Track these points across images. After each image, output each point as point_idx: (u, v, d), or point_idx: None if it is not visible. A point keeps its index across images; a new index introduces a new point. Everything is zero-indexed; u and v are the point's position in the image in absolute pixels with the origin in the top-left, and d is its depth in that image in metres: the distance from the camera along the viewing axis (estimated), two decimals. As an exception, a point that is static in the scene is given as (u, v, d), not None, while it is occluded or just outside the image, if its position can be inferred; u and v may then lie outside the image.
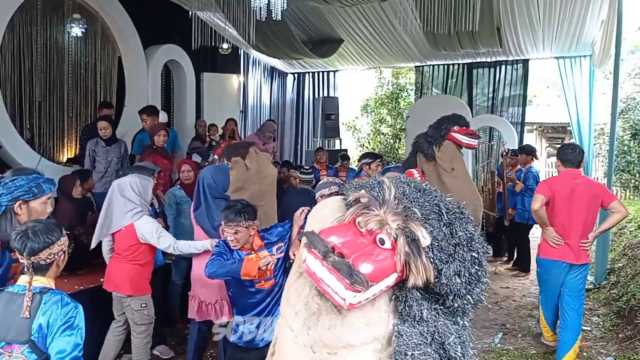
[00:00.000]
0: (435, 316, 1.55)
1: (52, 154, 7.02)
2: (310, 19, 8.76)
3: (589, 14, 7.50)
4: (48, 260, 2.13)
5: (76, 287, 4.42)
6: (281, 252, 3.18)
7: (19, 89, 6.57)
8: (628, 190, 12.51)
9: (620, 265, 6.71)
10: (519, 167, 7.59)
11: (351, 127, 15.40)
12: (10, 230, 2.26)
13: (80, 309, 2.14)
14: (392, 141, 14.65)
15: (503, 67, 10.53)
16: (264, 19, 5.07)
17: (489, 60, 10.42)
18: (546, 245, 4.29)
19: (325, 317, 1.60)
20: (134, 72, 7.77)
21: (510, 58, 10.24)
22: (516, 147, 8.80)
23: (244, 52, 10.70)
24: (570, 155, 4.30)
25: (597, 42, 8.35)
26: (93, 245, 4.12)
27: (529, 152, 7.63)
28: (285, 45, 8.73)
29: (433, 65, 11.18)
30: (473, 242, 1.52)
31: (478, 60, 10.50)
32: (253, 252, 3.12)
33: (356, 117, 15.82)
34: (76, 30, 6.82)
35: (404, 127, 13.28)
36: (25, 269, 2.10)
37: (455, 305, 1.54)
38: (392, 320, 1.56)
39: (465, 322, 1.61)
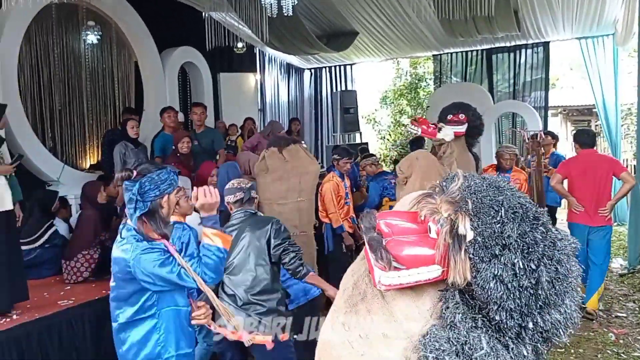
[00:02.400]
0: (472, 326, 1.40)
1: (75, 161, 7.08)
2: (323, 12, 8.69)
3: (610, -9, 7.30)
4: None
5: (104, 292, 4.42)
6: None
7: (39, 98, 6.64)
8: (659, 171, 12.14)
9: (655, 248, 6.51)
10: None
11: (371, 120, 15.28)
12: (162, 225, 2.36)
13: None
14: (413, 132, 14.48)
15: (523, 50, 10.32)
16: (275, 15, 5.03)
17: (508, 44, 10.22)
18: (570, 212, 5.34)
19: (369, 300, 1.56)
20: (151, 76, 7.80)
21: (530, 41, 10.02)
22: (540, 129, 8.64)
23: (259, 50, 10.68)
24: (585, 139, 5.34)
25: (619, 20, 8.12)
26: None
27: (554, 136, 7.64)
28: (299, 41, 8.68)
29: (451, 53, 11.01)
30: (533, 252, 1.34)
31: (497, 45, 10.31)
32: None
33: (375, 110, 15.70)
34: (91, 38, 6.86)
35: (424, 117, 13.12)
36: None
37: (498, 318, 1.36)
38: (431, 321, 1.46)
39: (522, 350, 1.39)
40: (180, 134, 6.18)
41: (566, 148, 11.70)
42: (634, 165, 10.71)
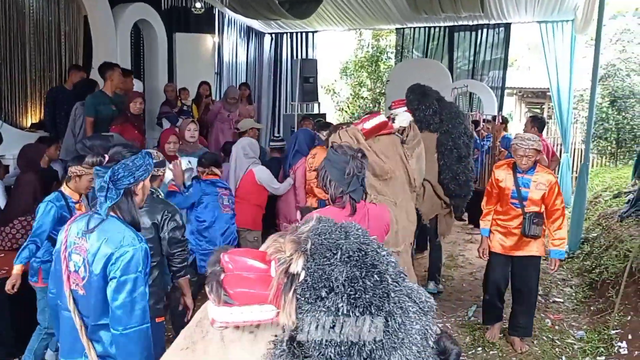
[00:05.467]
0: None
1: (15, 119, 6.68)
2: (287, -23, 8.41)
3: (573, -22, 7.32)
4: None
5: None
6: None
7: (-23, 50, 6.19)
8: (604, 157, 12.59)
9: (595, 235, 6.74)
10: (486, 134, 7.74)
11: (330, 91, 15.13)
12: (136, 213, 2.21)
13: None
14: (371, 105, 14.46)
15: (485, 30, 10.39)
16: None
17: (470, 23, 10.25)
18: None
19: (208, 340, 1.53)
20: (101, 32, 7.38)
21: (492, 22, 10.07)
22: (495, 113, 8.79)
23: (218, 11, 10.30)
24: (542, 125, 6.17)
25: (579, 7, 8.20)
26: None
27: (504, 120, 8.11)
28: (260, 6, 8.38)
29: (414, 28, 10.97)
30: (359, 299, 1.27)
31: (460, 23, 10.32)
32: None
33: (335, 80, 15.55)
34: (37, -13, 6.42)
35: (383, 91, 13.09)
36: None
37: None
38: None
39: None
40: (134, 93, 5.93)
41: (519, 129, 11.93)
42: (582, 150, 11.04)
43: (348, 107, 14.89)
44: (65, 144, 5.80)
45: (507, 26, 10.20)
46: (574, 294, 5.54)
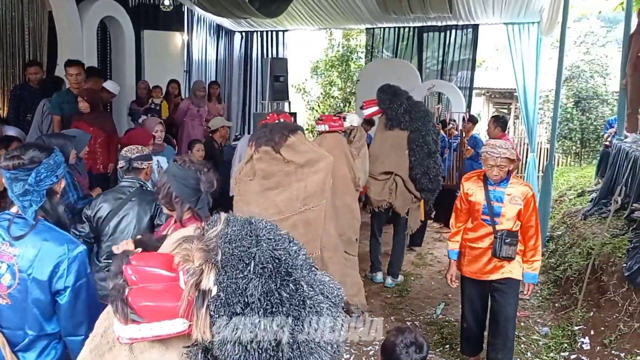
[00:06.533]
0: None
1: (-24, 117, 6.50)
2: (257, -24, 8.37)
3: (538, -19, 7.47)
4: None
5: None
6: None
7: None
8: (569, 157, 12.89)
9: (559, 233, 6.89)
10: (456, 133, 7.87)
11: (301, 90, 15.12)
12: (60, 212, 2.11)
13: None
14: (342, 105, 14.50)
15: (453, 31, 10.52)
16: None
17: (439, 24, 10.37)
18: None
19: (116, 351, 1.47)
20: (67, 28, 7.22)
21: (461, 23, 10.20)
22: (464, 112, 8.92)
23: (187, 8, 10.18)
24: (504, 123, 6.41)
25: (545, 10, 8.36)
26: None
27: (474, 120, 8.05)
28: (230, 4, 8.31)
29: (384, 28, 11.04)
30: (276, 312, 1.25)
31: (429, 24, 10.43)
32: None
33: (306, 80, 15.54)
34: (-1, -18, 6.25)
35: (354, 90, 13.14)
36: None
37: None
38: None
39: None
40: (84, 91, 5.77)
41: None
42: (548, 149, 11.28)
43: (319, 106, 14.91)
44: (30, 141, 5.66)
45: (475, 27, 10.34)
46: (539, 291, 5.65)
